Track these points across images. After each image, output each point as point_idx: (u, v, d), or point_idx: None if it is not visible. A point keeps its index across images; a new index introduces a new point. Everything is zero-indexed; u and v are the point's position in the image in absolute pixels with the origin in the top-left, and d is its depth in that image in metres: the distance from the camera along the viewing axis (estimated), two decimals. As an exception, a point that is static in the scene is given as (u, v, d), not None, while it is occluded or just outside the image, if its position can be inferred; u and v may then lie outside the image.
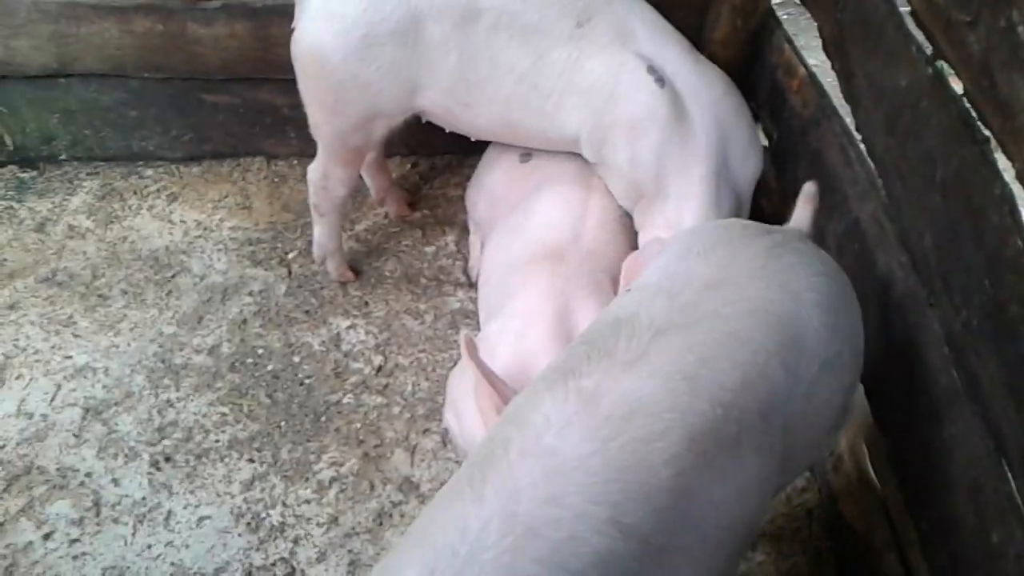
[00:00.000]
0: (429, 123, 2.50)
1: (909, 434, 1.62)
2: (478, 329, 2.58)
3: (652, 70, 2.15)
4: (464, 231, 2.91)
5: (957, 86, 1.48)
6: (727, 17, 2.55)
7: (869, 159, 1.82)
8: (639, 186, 2.24)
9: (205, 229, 2.90)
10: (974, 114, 1.43)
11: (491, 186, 2.62)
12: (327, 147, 2.47)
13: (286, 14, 2.66)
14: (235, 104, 2.98)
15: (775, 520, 2.10)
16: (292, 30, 2.34)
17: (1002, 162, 1.39)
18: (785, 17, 2.84)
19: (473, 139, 2.58)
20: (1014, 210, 1.33)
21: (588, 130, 2.26)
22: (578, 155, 2.38)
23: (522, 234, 2.37)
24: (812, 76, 2.21)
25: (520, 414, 1.30)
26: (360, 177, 2.77)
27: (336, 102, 2.32)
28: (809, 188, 1.69)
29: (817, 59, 2.25)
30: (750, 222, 1.65)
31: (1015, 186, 1.35)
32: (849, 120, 1.94)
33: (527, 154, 2.54)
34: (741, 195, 2.26)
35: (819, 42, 2.15)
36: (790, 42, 2.37)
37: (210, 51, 2.84)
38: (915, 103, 1.60)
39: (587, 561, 1.13)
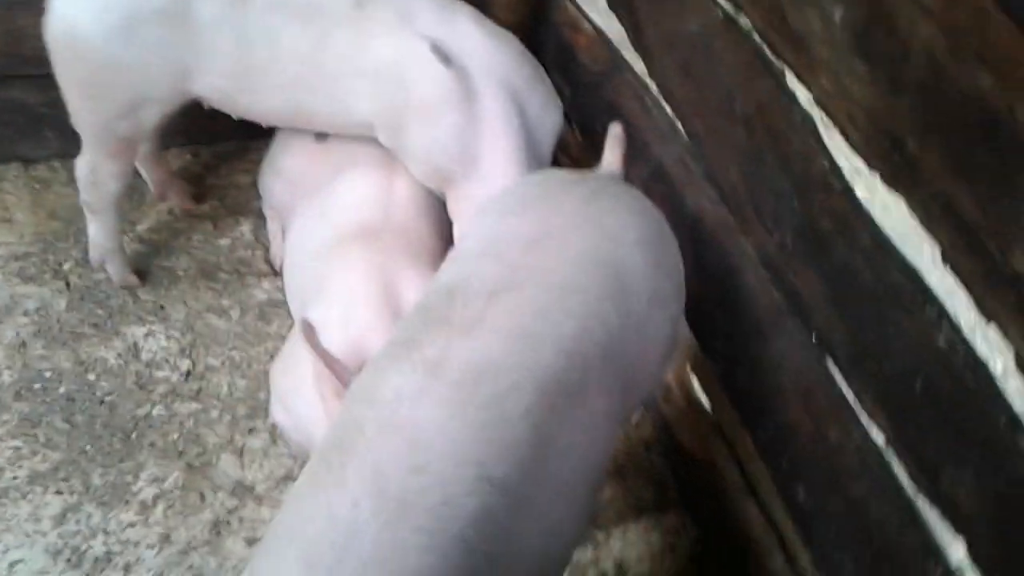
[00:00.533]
0: (211, 108, 2.35)
1: (737, 355, 1.73)
2: (290, 319, 2.49)
3: (436, 50, 2.10)
4: (260, 219, 2.78)
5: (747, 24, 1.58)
6: (507, -24, 2.57)
7: (666, 104, 1.90)
8: (443, 172, 2.20)
9: (-40, 248, 2.59)
10: (767, 49, 1.53)
11: (287, 170, 2.51)
12: (93, 138, 2.26)
13: (33, 3, 2.42)
14: (-19, 107, 2.67)
15: (617, 458, 2.17)
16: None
17: (799, 92, 1.50)
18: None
19: (265, 126, 2.47)
20: (815, 133, 1.43)
21: (381, 116, 2.18)
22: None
23: (328, 216, 2.29)
24: (599, 31, 2.28)
25: (369, 392, 1.27)
26: (138, 173, 2.57)
27: (98, 88, 2.13)
28: (615, 130, 1.74)
29: (600, 14, 2.32)
30: (563, 171, 1.68)
31: (813, 111, 1.46)
32: (640, 68, 2.02)
33: (323, 134, 2.45)
34: (543, 158, 2.29)
35: (603, -1, 2.22)
36: (572, 1, 2.43)
37: (-52, 53, 2.52)
38: (708, 45, 1.69)
39: (465, 522, 1.12)
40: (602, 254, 1.41)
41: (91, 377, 2.33)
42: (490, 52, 2.18)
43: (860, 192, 1.36)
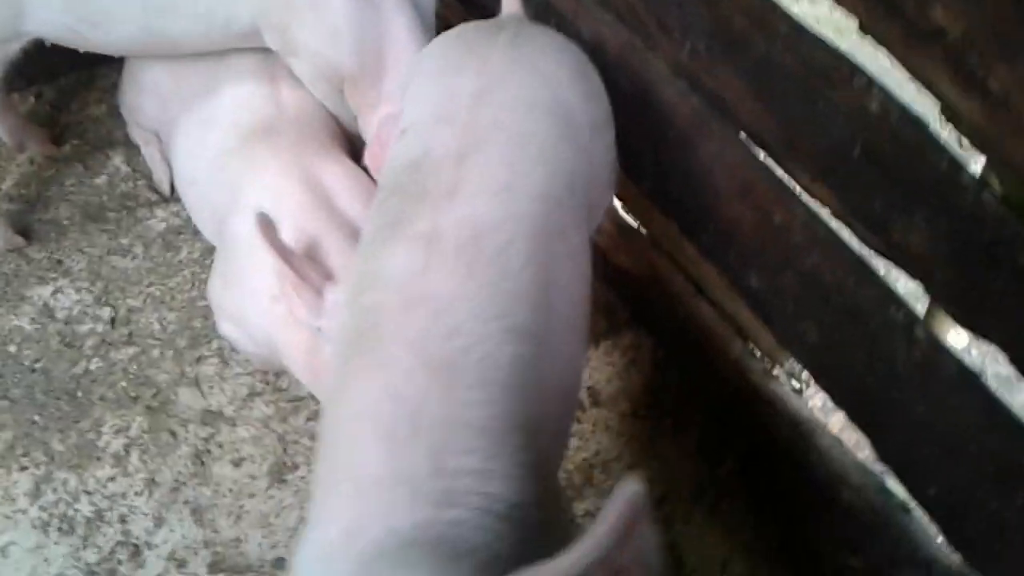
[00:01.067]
0: (42, 44, 2.18)
1: (666, 169, 1.80)
2: (198, 241, 2.42)
3: None
4: (129, 147, 2.64)
5: None
6: None
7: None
8: (339, 66, 2.11)
9: None
10: None
11: (155, 85, 2.37)
12: None
13: None
14: None
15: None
16: None
17: None
18: None
19: (132, 61, 2.32)
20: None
21: (267, 17, 2.05)
22: None
23: (217, 123, 2.20)
24: None
25: (373, 278, 1.29)
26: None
27: None
28: None
29: None
30: (475, 23, 1.67)
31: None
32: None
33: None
34: (430, 26, 2.22)
35: None
36: None
37: None
38: None
39: (506, 371, 1.20)
40: (545, 97, 1.45)
41: (12, 349, 2.24)
42: None
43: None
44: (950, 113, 1.23)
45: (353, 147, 2.23)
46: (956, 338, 1.75)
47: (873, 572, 1.66)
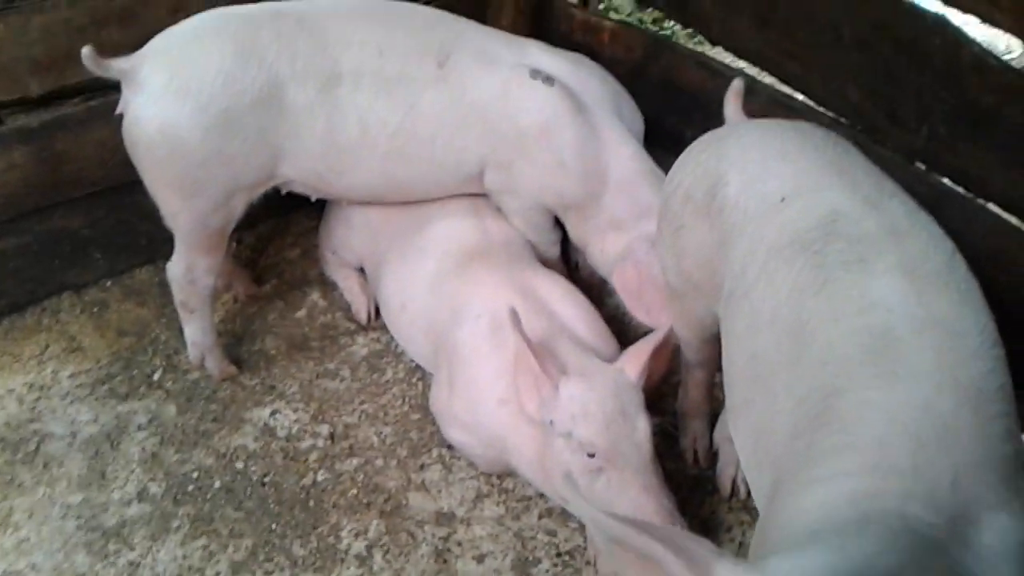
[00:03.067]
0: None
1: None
2: (401, 362, 2.56)
3: (535, 73, 2.25)
4: (323, 286, 2.83)
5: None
6: (509, 2, 2.74)
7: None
8: (564, 194, 2.28)
9: (42, 388, 2.53)
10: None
11: (366, 223, 2.58)
12: (187, 236, 2.29)
13: (67, 126, 2.44)
14: (25, 244, 2.62)
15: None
16: (119, 116, 2.15)
17: None
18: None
19: (346, 204, 2.54)
20: None
21: (493, 157, 2.28)
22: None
23: (431, 252, 2.39)
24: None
25: (857, 303, 1.34)
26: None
27: (195, 183, 2.17)
28: (737, 84, 1.93)
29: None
30: (760, 122, 1.81)
31: None
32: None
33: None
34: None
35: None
36: (577, 4, 2.62)
37: (-15, 192, 2.48)
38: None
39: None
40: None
41: (239, 465, 2.33)
42: (575, 71, 2.34)
43: None
44: None
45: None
46: None
47: None
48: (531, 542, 2.11)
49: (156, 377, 2.56)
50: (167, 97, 2.08)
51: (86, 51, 2.03)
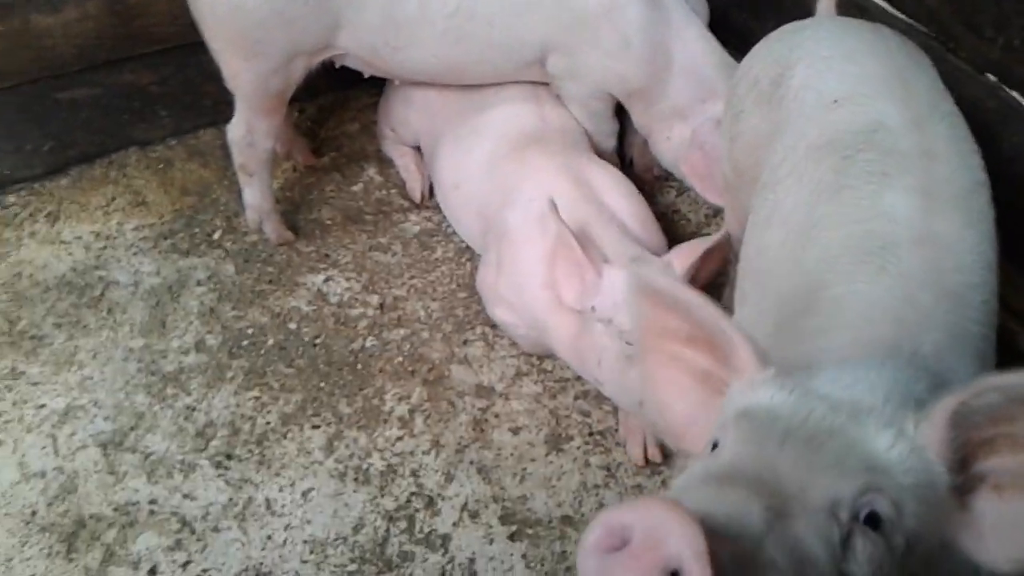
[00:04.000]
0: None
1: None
2: (451, 242, 2.62)
3: None
4: (380, 162, 2.88)
5: None
6: None
7: None
8: (628, 78, 2.27)
9: (107, 239, 2.63)
10: None
11: (425, 103, 2.60)
12: (247, 98, 2.33)
13: (142, -24, 2.46)
14: (96, 96, 2.69)
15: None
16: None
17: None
18: None
19: (399, 82, 2.55)
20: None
21: (555, 40, 2.26)
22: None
23: (488, 134, 2.42)
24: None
25: (869, 215, 1.36)
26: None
27: (256, 43, 2.20)
28: None
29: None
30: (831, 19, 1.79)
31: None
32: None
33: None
34: None
35: None
36: None
37: (60, 42, 2.53)
38: None
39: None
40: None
41: (292, 326, 2.43)
42: None
43: None
44: None
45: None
46: None
47: None
48: (565, 420, 2.20)
49: (216, 236, 2.65)
50: None
51: None
